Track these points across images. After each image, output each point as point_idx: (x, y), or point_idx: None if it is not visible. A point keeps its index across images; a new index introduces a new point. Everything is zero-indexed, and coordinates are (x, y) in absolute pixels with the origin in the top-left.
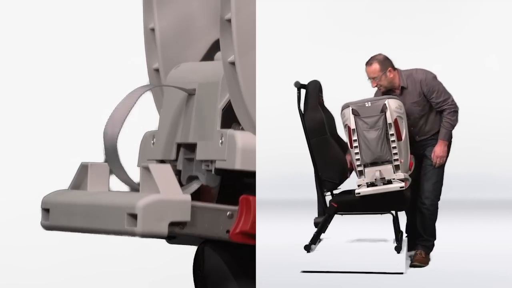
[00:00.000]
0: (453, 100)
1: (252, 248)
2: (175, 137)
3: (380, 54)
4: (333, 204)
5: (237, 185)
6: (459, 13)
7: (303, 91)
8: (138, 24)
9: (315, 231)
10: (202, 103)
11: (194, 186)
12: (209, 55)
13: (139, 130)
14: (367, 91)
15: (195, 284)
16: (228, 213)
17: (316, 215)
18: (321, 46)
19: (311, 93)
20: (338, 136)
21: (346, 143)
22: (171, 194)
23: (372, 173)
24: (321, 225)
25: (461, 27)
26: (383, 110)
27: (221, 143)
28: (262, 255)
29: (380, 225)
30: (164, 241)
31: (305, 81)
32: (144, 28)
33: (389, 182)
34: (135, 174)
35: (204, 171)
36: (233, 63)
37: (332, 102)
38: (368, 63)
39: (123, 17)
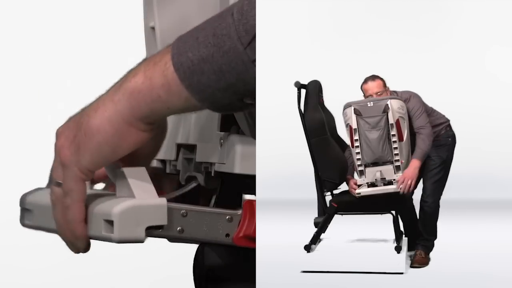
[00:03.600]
0: (428, 127)
1: (252, 248)
2: (176, 137)
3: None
4: (333, 204)
5: (237, 186)
6: (458, 12)
7: (303, 91)
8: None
9: (315, 231)
10: None
11: (190, 186)
12: None
13: None
14: None
15: (195, 284)
16: (227, 216)
17: (316, 215)
18: (321, 46)
19: (311, 93)
20: (338, 136)
21: (346, 143)
22: (146, 199)
23: (372, 173)
24: (321, 225)
25: (461, 26)
26: (385, 110)
27: (221, 146)
28: (262, 255)
29: (380, 225)
30: (164, 240)
31: (305, 81)
32: (145, 27)
33: (390, 182)
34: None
35: (203, 172)
36: None
37: (332, 102)
38: (370, 79)
39: (123, 16)
